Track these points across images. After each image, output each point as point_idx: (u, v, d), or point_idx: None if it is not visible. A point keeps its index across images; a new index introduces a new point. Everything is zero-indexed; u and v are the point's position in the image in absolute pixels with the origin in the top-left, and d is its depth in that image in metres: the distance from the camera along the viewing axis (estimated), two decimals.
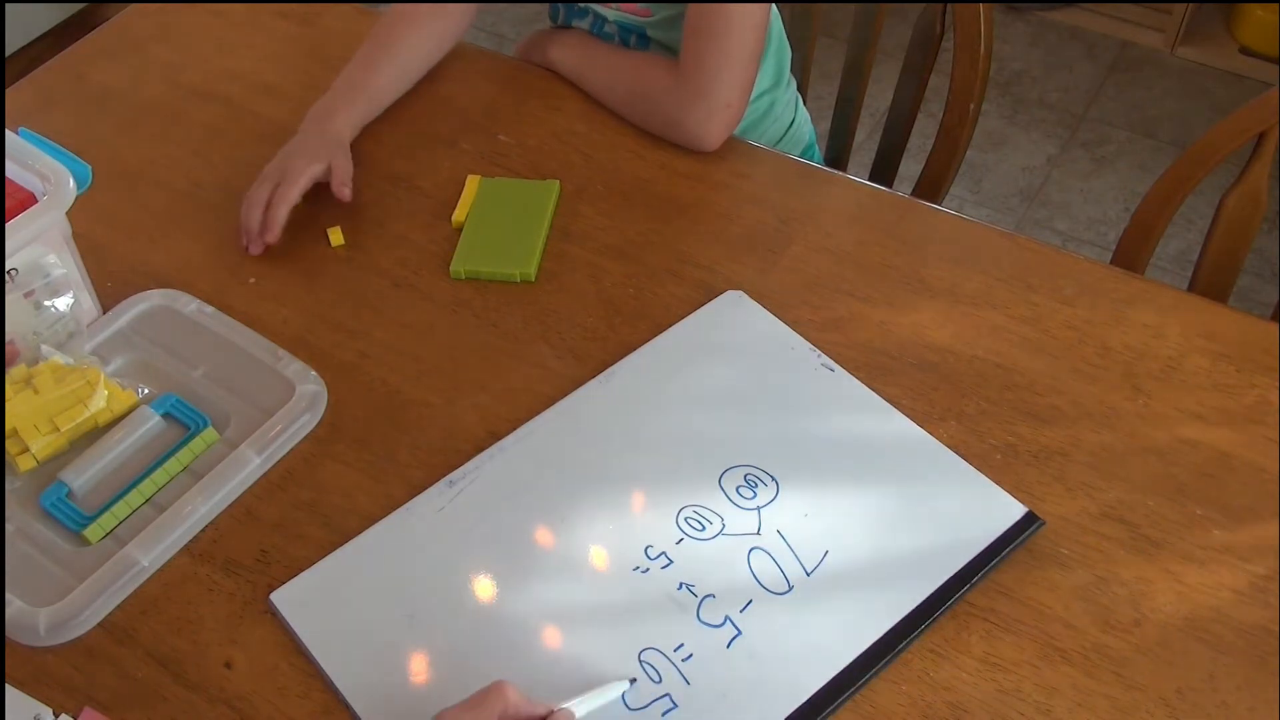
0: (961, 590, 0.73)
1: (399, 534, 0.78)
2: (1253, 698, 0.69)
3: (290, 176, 0.97)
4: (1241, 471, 0.79)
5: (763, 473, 0.79)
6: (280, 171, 0.98)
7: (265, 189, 0.97)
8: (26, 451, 0.81)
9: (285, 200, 0.96)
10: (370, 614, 0.74)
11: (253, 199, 0.97)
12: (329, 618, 0.74)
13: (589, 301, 0.92)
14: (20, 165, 0.84)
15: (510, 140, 1.06)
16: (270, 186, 0.97)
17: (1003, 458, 0.81)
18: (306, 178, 0.97)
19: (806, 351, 0.87)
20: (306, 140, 1.01)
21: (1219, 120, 1.02)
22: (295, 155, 0.99)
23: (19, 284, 0.83)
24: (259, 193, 0.97)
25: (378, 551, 0.77)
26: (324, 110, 1.03)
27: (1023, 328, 0.89)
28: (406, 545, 0.77)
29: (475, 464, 0.81)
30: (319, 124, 1.02)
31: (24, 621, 0.73)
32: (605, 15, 1.10)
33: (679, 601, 0.73)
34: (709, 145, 1.01)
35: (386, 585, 0.75)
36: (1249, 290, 1.97)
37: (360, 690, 0.70)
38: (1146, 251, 1.11)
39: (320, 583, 0.75)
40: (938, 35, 1.18)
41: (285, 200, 0.96)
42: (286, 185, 0.96)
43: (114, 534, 0.79)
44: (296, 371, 0.86)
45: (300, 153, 0.99)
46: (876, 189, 1.01)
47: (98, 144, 1.07)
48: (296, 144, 1.01)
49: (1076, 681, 0.70)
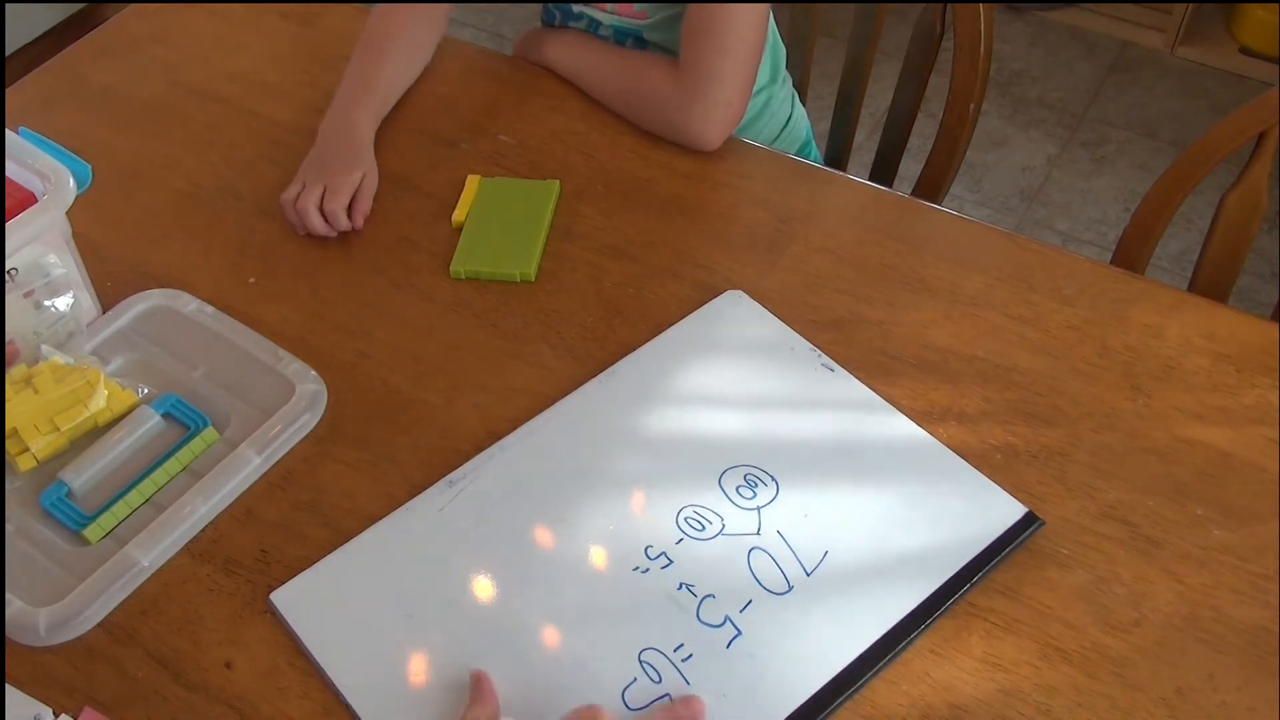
0: (961, 590, 0.73)
1: (399, 534, 0.78)
2: (1253, 698, 0.69)
3: (335, 189, 0.97)
4: (1241, 471, 0.79)
5: (763, 473, 0.79)
6: (320, 182, 0.98)
7: (313, 194, 0.97)
8: (26, 451, 0.81)
9: (339, 210, 0.97)
10: (370, 614, 0.74)
11: (303, 206, 0.96)
12: (329, 618, 0.74)
13: (589, 301, 0.92)
14: (20, 165, 0.84)
15: (510, 140, 1.06)
16: (316, 193, 0.97)
17: (1003, 458, 0.81)
18: (347, 190, 0.98)
19: (806, 351, 0.87)
20: (334, 147, 1.01)
21: (1219, 120, 1.02)
22: (332, 164, 0.99)
23: (19, 284, 0.83)
24: (306, 198, 0.97)
25: (378, 551, 0.77)
26: (341, 113, 1.03)
27: (1023, 328, 0.89)
28: (406, 545, 0.77)
29: (475, 464, 0.81)
30: (341, 129, 1.02)
31: (24, 621, 0.73)
32: (600, 19, 1.10)
33: (679, 601, 0.73)
34: (709, 145, 1.01)
35: (386, 585, 0.75)
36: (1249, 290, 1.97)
37: (360, 690, 0.70)
38: (1146, 251, 1.11)
39: (320, 583, 0.75)
40: (938, 35, 1.18)
41: (339, 210, 0.97)
42: (332, 197, 0.97)
43: (114, 534, 0.79)
44: (296, 371, 0.86)
45: (336, 162, 1.00)
46: (876, 189, 1.01)
47: (98, 144, 1.07)
48: (328, 152, 1.01)
49: (1076, 681, 0.70)
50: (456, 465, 0.81)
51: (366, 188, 0.99)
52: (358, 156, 1.00)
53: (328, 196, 0.97)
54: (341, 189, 0.97)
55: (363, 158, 1.01)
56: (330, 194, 0.97)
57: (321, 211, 0.97)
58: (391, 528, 0.78)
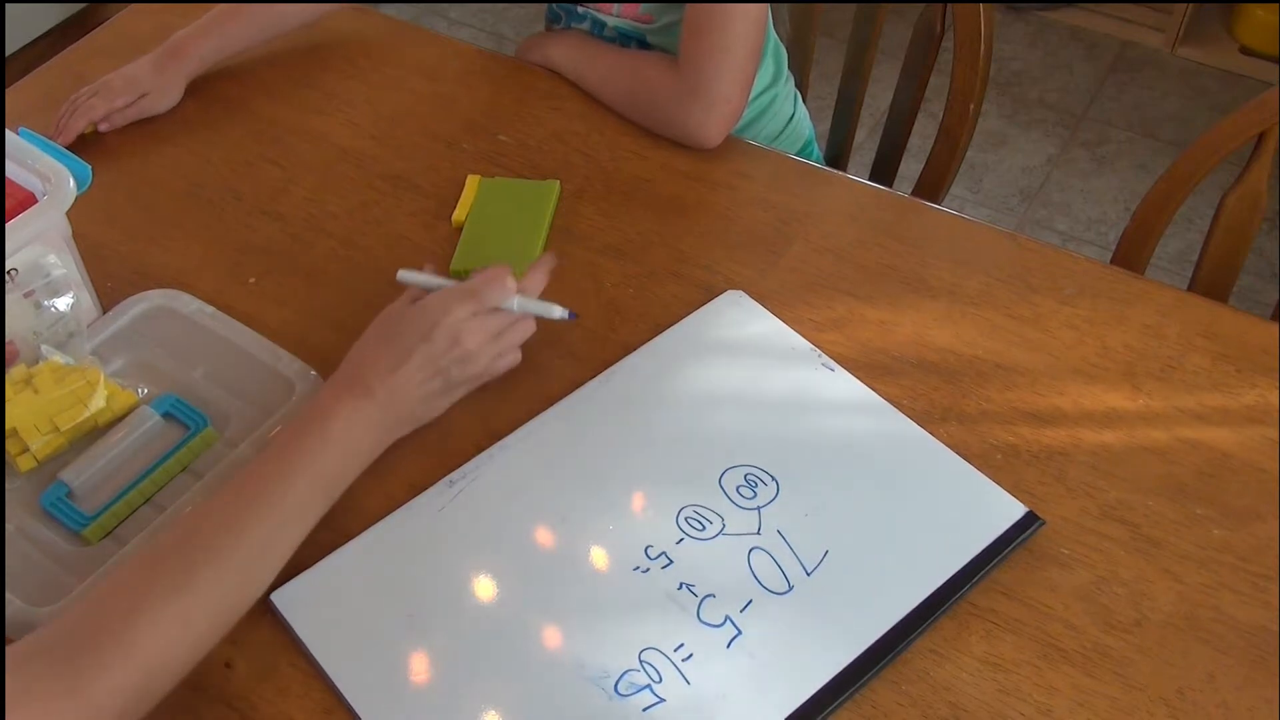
0: (961, 590, 0.73)
1: (399, 534, 0.78)
2: (1253, 698, 0.69)
3: (107, 86, 1.05)
4: (1241, 471, 0.79)
5: (763, 473, 0.79)
6: (104, 84, 1.05)
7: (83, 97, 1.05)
8: (26, 451, 0.81)
9: (86, 114, 1.04)
10: (370, 614, 0.74)
11: (74, 101, 1.05)
12: (329, 618, 0.74)
13: (589, 301, 0.92)
14: (20, 165, 0.84)
15: (510, 140, 1.06)
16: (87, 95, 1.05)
17: (1003, 458, 0.81)
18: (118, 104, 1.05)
19: (806, 351, 0.87)
20: (141, 62, 1.07)
21: (1219, 120, 1.02)
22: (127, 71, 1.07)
23: (19, 284, 0.83)
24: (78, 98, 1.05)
25: (378, 551, 0.77)
26: (172, 44, 1.09)
27: (1023, 328, 0.89)
28: (406, 545, 0.77)
29: (475, 464, 0.81)
30: (163, 53, 1.08)
31: (24, 621, 0.73)
32: (605, 20, 1.10)
33: (679, 601, 0.73)
34: (709, 143, 1.01)
35: (386, 585, 0.75)
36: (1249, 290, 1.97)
37: (360, 690, 0.70)
38: (1146, 251, 1.11)
39: (320, 583, 0.75)
40: (938, 35, 1.18)
41: (86, 114, 1.04)
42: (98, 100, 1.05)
43: (114, 534, 0.79)
44: (296, 371, 0.86)
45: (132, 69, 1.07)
46: (876, 189, 1.01)
47: (98, 144, 1.07)
48: (136, 66, 1.07)
49: (1076, 681, 0.70)
50: (456, 465, 0.81)
51: (140, 106, 1.06)
52: (152, 76, 1.06)
53: (95, 98, 1.04)
54: (114, 89, 1.04)
55: (153, 80, 1.06)
56: (98, 96, 1.04)
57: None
58: (391, 528, 0.78)
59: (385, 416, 0.77)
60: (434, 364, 0.78)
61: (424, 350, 0.78)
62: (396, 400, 0.77)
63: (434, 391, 0.80)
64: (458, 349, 0.79)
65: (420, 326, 0.78)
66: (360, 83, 1.13)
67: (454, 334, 0.78)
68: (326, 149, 1.06)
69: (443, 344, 0.78)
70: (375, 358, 0.78)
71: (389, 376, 0.77)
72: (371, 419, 0.76)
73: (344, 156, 1.05)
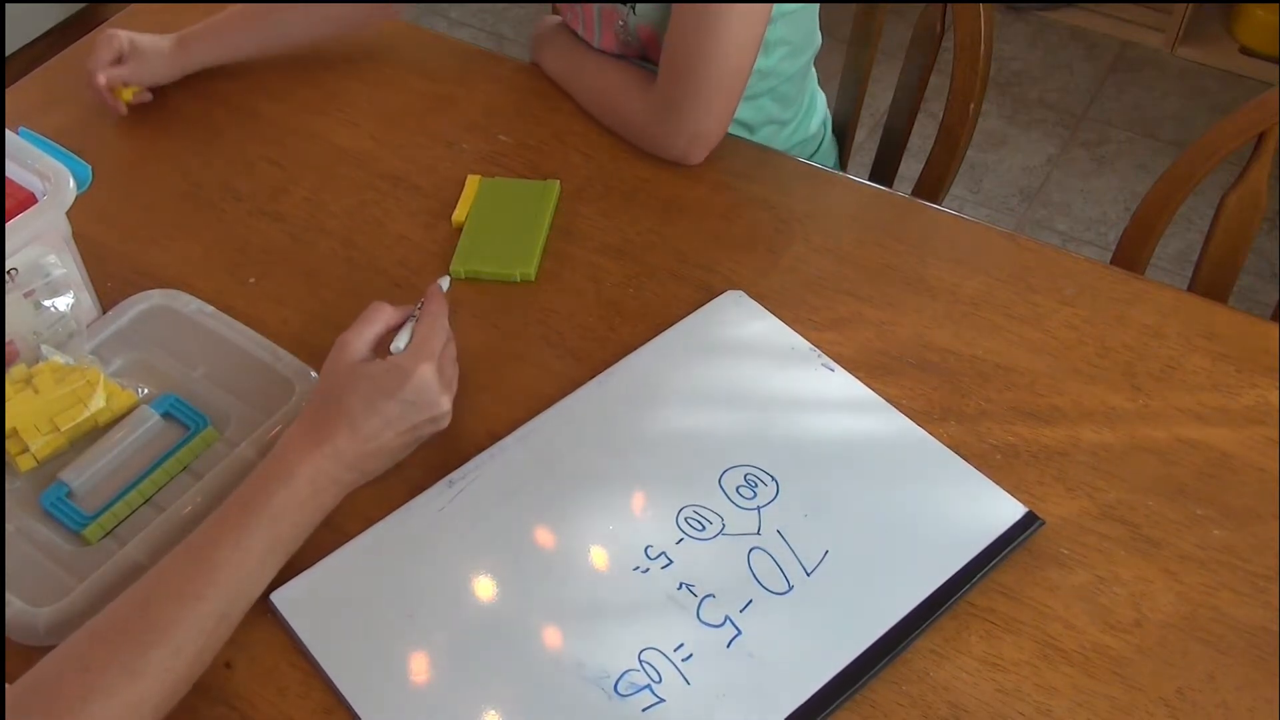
0: (961, 590, 0.73)
1: (399, 534, 0.78)
2: (1253, 698, 0.69)
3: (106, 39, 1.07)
4: (1241, 471, 0.79)
5: (763, 473, 0.79)
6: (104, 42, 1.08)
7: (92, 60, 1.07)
8: (26, 451, 0.81)
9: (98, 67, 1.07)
10: (370, 614, 0.74)
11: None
12: (329, 618, 0.74)
13: (589, 301, 0.92)
14: (20, 165, 0.84)
15: (510, 140, 1.06)
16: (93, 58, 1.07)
17: (1003, 458, 0.81)
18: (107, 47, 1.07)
19: (806, 351, 0.87)
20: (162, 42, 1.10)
21: (1219, 120, 1.02)
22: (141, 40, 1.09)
23: (19, 284, 0.83)
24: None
25: (378, 551, 0.77)
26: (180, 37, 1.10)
27: (1023, 328, 0.89)
28: (406, 545, 0.77)
29: (475, 464, 0.81)
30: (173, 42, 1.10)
31: (24, 621, 0.73)
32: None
33: (679, 601, 0.73)
34: (690, 164, 1.01)
35: (386, 585, 0.75)
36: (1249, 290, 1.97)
37: (360, 690, 0.70)
38: (1146, 251, 1.11)
39: (320, 583, 0.75)
40: (938, 35, 1.18)
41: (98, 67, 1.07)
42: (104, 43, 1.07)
43: (114, 534, 0.79)
44: (297, 371, 0.86)
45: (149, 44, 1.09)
46: (877, 189, 1.01)
47: (98, 144, 1.07)
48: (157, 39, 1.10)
49: (1076, 681, 0.70)
50: (456, 465, 0.81)
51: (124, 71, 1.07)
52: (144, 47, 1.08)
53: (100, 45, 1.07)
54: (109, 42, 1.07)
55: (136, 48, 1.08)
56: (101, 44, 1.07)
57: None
58: (391, 528, 0.78)
59: (351, 475, 0.76)
60: (413, 431, 0.78)
61: (404, 417, 0.76)
62: (366, 460, 0.76)
63: (402, 447, 0.79)
64: (435, 409, 0.78)
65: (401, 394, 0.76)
66: (360, 83, 1.13)
67: (431, 399, 0.77)
68: (326, 149, 1.06)
69: (424, 412, 0.77)
70: (345, 415, 0.75)
71: (361, 441, 0.75)
72: (340, 480, 0.75)
73: (344, 156, 1.05)
